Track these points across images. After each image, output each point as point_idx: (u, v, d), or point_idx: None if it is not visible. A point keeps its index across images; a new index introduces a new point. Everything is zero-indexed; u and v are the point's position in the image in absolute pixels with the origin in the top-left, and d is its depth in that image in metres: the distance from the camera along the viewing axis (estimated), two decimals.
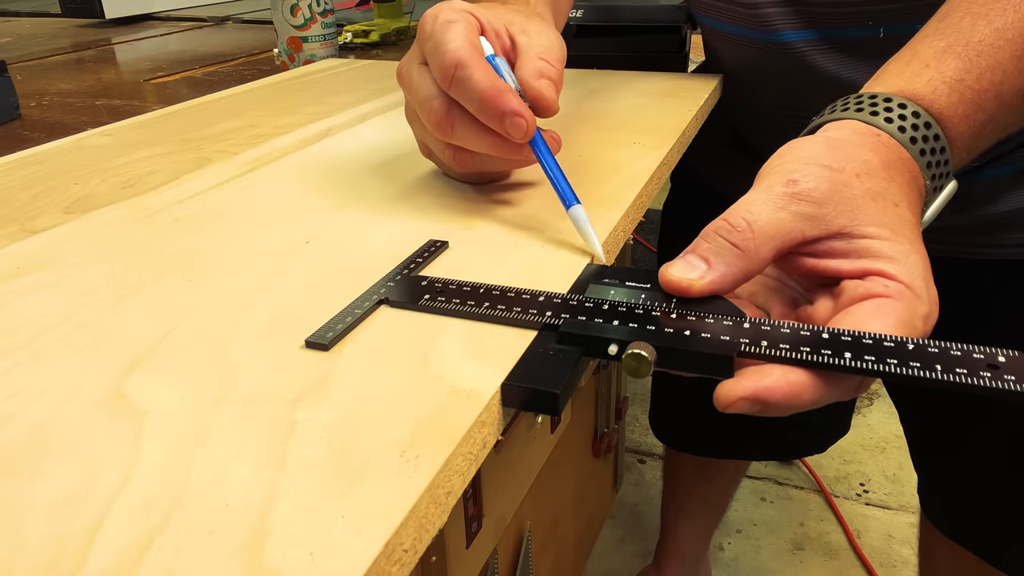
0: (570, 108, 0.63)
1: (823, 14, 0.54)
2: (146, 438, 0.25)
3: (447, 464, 0.24)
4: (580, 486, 0.96)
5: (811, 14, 0.55)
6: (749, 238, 0.31)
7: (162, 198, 0.47)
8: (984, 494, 0.70)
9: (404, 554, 0.22)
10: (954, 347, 0.27)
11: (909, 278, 0.30)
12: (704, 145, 0.68)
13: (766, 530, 1.35)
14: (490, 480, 0.60)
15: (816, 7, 0.54)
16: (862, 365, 0.27)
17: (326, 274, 0.36)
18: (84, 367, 0.30)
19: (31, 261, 0.39)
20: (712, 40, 0.68)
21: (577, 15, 0.81)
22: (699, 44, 0.79)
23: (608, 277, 0.34)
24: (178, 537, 0.21)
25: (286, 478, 0.23)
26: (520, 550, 0.73)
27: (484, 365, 0.29)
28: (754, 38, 0.59)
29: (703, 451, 0.99)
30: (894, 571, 1.26)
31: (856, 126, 0.35)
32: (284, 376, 0.29)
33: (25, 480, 0.24)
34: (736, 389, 0.27)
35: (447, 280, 0.34)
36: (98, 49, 1.14)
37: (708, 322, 0.30)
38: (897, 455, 1.49)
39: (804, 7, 0.55)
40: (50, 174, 0.52)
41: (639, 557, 1.30)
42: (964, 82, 0.35)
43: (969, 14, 0.37)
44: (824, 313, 0.31)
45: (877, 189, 0.32)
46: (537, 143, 0.41)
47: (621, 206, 0.43)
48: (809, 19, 0.55)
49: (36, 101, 0.80)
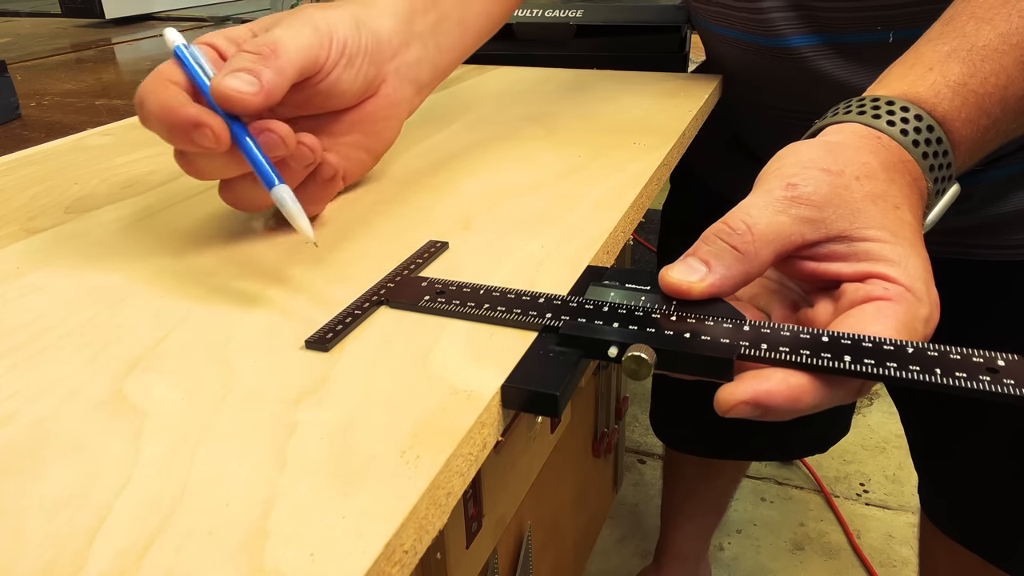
0: (570, 108, 0.63)
1: (831, 19, 0.54)
2: (146, 438, 0.25)
3: (447, 465, 0.24)
4: (580, 486, 0.96)
5: (818, 19, 0.55)
6: (749, 241, 0.31)
7: (162, 198, 0.47)
8: (986, 494, 0.70)
9: (404, 555, 0.22)
10: (953, 351, 0.27)
11: (909, 281, 0.30)
12: (704, 146, 0.68)
13: (766, 530, 1.35)
14: (490, 480, 0.60)
15: (824, 12, 0.54)
16: (862, 368, 0.27)
17: (326, 274, 0.36)
18: (84, 367, 0.30)
19: (31, 261, 0.39)
20: (714, 45, 0.68)
21: (577, 15, 0.81)
22: (699, 44, 0.79)
23: (608, 279, 0.34)
24: (178, 537, 0.21)
25: (286, 479, 0.23)
26: (520, 550, 0.73)
27: (484, 366, 0.29)
28: (758, 43, 0.59)
29: (703, 451, 0.99)
30: (894, 571, 1.26)
31: (857, 129, 0.35)
32: (284, 377, 0.29)
33: (25, 480, 0.24)
34: (736, 393, 0.27)
35: (447, 281, 0.34)
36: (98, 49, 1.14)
37: (708, 324, 0.30)
38: (897, 455, 1.49)
39: (812, 12, 0.55)
40: (50, 174, 0.52)
41: (639, 557, 1.30)
42: (968, 86, 0.35)
43: (974, 18, 0.37)
44: (824, 316, 0.31)
45: (877, 191, 0.32)
46: (236, 135, 0.36)
47: (621, 207, 0.43)
48: (816, 24, 0.55)
49: (36, 101, 0.80)
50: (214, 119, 0.35)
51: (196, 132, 0.34)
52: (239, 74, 0.36)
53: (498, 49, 0.82)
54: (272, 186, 0.35)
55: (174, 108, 0.35)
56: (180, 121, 0.34)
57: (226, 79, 0.35)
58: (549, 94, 0.68)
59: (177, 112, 0.35)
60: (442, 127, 0.59)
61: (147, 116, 0.36)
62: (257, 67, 0.36)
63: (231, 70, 0.36)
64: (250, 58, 0.36)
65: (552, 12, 0.82)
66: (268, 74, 0.36)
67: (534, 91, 0.70)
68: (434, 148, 0.55)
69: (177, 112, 0.35)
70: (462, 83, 0.74)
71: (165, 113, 0.35)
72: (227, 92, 0.35)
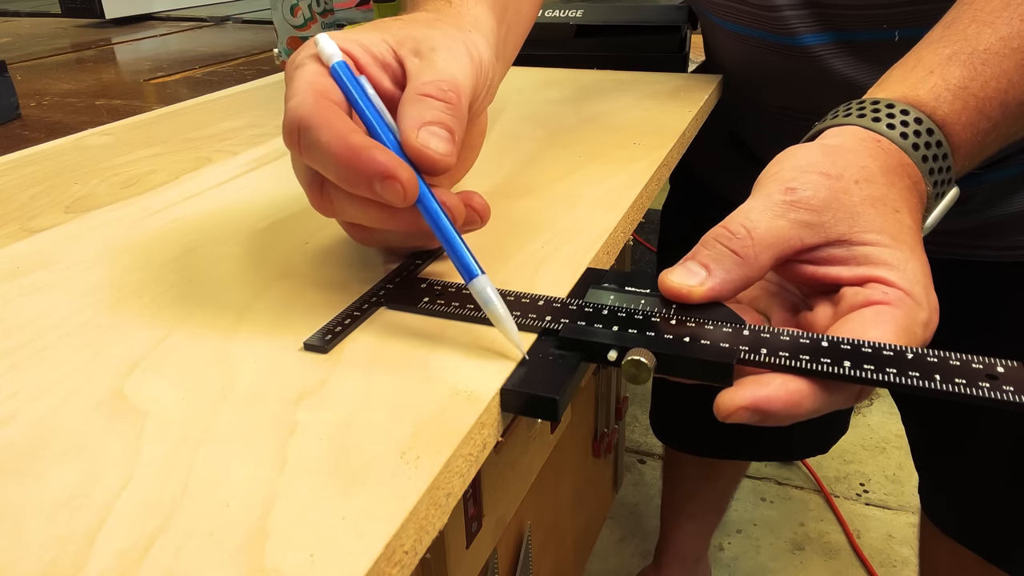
0: (570, 108, 0.63)
1: (840, 17, 0.54)
2: (146, 439, 0.26)
3: (447, 466, 0.24)
4: (580, 486, 0.96)
5: (829, 17, 0.55)
6: (748, 245, 0.31)
7: (162, 198, 0.47)
8: (987, 495, 0.70)
9: (404, 555, 0.22)
10: (953, 357, 0.27)
11: (908, 284, 0.30)
12: (704, 146, 0.68)
13: (766, 530, 1.35)
14: (490, 480, 0.60)
15: (833, 10, 0.54)
16: (861, 374, 0.27)
17: (326, 275, 0.36)
18: (84, 367, 0.30)
19: (31, 261, 0.39)
20: (719, 40, 0.68)
21: (577, 15, 0.81)
22: (699, 44, 0.79)
23: (608, 282, 0.34)
24: (178, 538, 0.21)
25: (286, 479, 0.23)
26: (520, 550, 0.73)
27: (484, 367, 0.29)
28: (769, 40, 0.59)
29: (703, 451, 0.99)
30: (894, 571, 1.26)
31: (856, 132, 0.35)
32: (284, 377, 0.29)
33: (25, 480, 0.24)
34: (736, 399, 0.27)
35: (447, 282, 0.34)
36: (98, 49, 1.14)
37: (708, 329, 0.30)
38: (897, 455, 1.49)
39: (823, 10, 0.55)
40: (50, 174, 0.52)
41: (639, 557, 1.30)
42: (968, 90, 0.35)
43: (975, 21, 0.37)
44: (823, 320, 0.31)
45: (876, 195, 0.32)
46: (426, 203, 0.31)
47: (621, 207, 0.43)
48: (827, 22, 0.55)
49: (36, 101, 0.80)
50: (404, 172, 0.29)
51: (383, 184, 0.29)
52: (436, 130, 0.31)
53: None
54: (472, 277, 0.30)
55: (360, 150, 0.29)
56: (366, 168, 0.29)
57: (424, 136, 0.31)
58: (549, 94, 0.68)
59: (365, 156, 0.29)
60: None
61: (311, 146, 0.30)
62: (448, 120, 0.32)
63: (425, 123, 0.31)
64: (441, 108, 0.32)
65: (552, 12, 0.82)
66: (458, 127, 0.32)
67: (534, 91, 0.70)
68: None
69: (365, 156, 0.29)
70: None
71: (351, 154, 0.29)
72: (430, 155, 0.31)
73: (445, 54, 0.34)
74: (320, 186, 0.33)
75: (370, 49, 0.35)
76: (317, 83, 0.32)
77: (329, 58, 0.34)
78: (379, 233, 0.35)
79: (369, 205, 0.31)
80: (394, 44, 0.36)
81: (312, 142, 0.30)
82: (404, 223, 0.32)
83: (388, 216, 0.32)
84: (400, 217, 0.32)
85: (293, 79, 0.33)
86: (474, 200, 0.35)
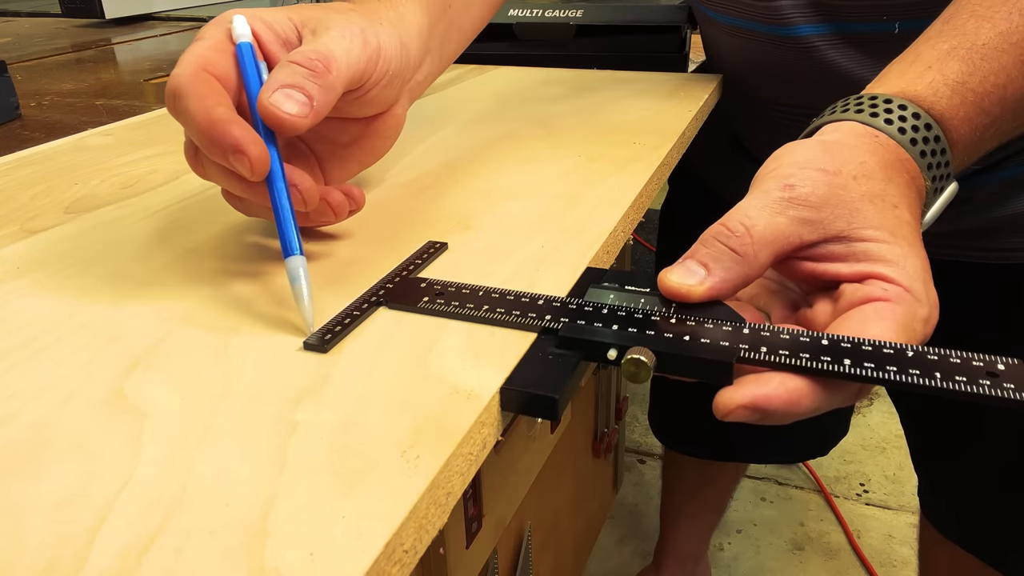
0: (570, 108, 0.63)
1: (839, 7, 0.54)
2: (146, 438, 0.26)
3: (447, 465, 0.24)
4: (580, 486, 0.96)
5: (827, 7, 0.54)
6: (748, 243, 0.31)
7: (162, 198, 0.47)
8: (986, 497, 0.70)
9: (404, 555, 0.22)
10: (953, 354, 0.27)
11: (908, 281, 0.30)
12: (703, 146, 0.68)
13: (766, 530, 1.35)
14: (490, 480, 0.60)
15: (832, 0, 0.54)
16: (861, 372, 0.27)
17: (325, 275, 0.37)
18: (84, 367, 0.30)
19: (31, 261, 0.39)
20: (715, 35, 0.68)
21: (577, 15, 0.81)
22: (699, 44, 0.79)
23: (607, 281, 0.34)
24: (178, 538, 0.21)
25: (286, 479, 0.23)
26: (520, 550, 0.73)
27: (484, 366, 0.29)
28: (764, 32, 0.58)
29: (703, 452, 0.99)
30: (894, 571, 1.26)
31: (854, 127, 0.35)
32: (284, 377, 0.29)
33: (25, 480, 0.24)
34: (735, 397, 0.27)
35: (446, 282, 0.34)
36: (98, 49, 1.14)
37: (707, 327, 0.30)
38: (897, 455, 1.49)
39: (820, 0, 0.55)
40: (50, 174, 0.52)
41: (639, 557, 1.30)
42: (967, 85, 0.35)
43: (974, 16, 0.37)
44: (823, 317, 0.31)
45: (875, 191, 0.32)
46: (272, 180, 0.34)
47: (621, 206, 0.43)
48: (825, 13, 0.55)
49: (36, 101, 0.80)
50: (255, 148, 0.32)
51: (235, 157, 0.32)
52: (291, 92, 0.33)
53: (498, 49, 0.82)
54: (289, 254, 0.33)
55: (218, 122, 0.32)
56: (220, 140, 0.32)
57: (277, 97, 0.33)
58: (549, 94, 0.68)
59: (220, 129, 0.32)
60: (442, 127, 0.59)
61: (182, 113, 0.33)
62: (309, 86, 0.34)
63: (281, 85, 0.33)
64: (303, 73, 0.34)
65: (552, 12, 0.82)
66: (320, 95, 0.34)
67: (534, 91, 0.70)
68: (434, 148, 0.55)
69: (220, 129, 0.32)
70: (462, 83, 0.74)
71: (208, 125, 0.32)
72: (277, 114, 0.33)
73: (335, 33, 0.36)
74: (195, 151, 0.35)
75: (273, 27, 0.38)
76: (204, 56, 0.35)
77: (238, 37, 0.37)
78: (246, 203, 0.37)
79: (230, 174, 0.34)
80: (298, 23, 0.39)
81: (182, 109, 0.33)
82: (260, 196, 0.35)
83: (246, 187, 0.35)
84: (256, 190, 0.35)
85: (188, 49, 0.36)
86: (332, 195, 0.37)
